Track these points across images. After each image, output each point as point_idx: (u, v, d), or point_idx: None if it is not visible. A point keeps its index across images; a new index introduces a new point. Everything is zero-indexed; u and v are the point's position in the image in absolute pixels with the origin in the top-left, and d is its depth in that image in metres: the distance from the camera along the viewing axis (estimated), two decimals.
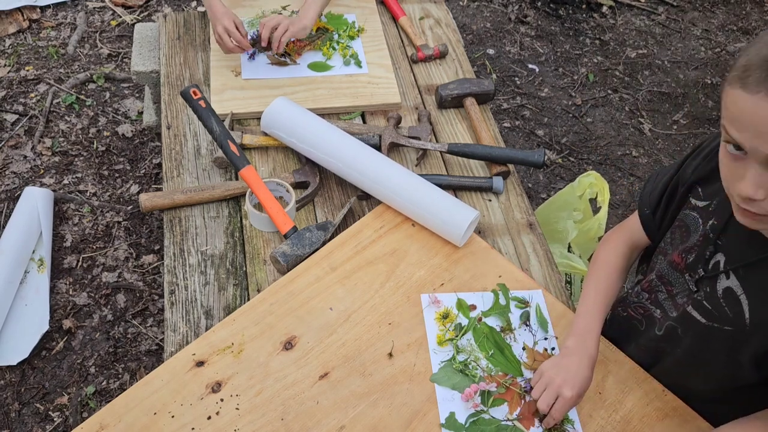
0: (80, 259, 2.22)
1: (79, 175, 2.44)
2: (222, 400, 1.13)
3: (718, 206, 1.08)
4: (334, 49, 1.79)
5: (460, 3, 3.45)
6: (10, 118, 2.61)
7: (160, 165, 2.49)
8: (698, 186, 1.14)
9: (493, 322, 1.27)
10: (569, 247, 2.04)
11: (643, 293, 1.25)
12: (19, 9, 3.01)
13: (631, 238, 1.30)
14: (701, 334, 1.09)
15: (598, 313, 1.20)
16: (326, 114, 1.67)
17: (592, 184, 1.89)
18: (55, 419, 1.87)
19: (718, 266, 1.06)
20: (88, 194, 2.39)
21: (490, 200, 1.56)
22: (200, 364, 1.18)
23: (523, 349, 1.24)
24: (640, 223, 1.27)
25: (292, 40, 1.79)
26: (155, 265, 2.22)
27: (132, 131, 2.61)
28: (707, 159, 1.12)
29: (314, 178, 1.50)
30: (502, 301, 1.30)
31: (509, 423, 1.14)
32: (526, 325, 1.28)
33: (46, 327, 2.02)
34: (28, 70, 2.79)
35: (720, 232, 1.06)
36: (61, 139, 2.55)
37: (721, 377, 1.11)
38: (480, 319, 1.27)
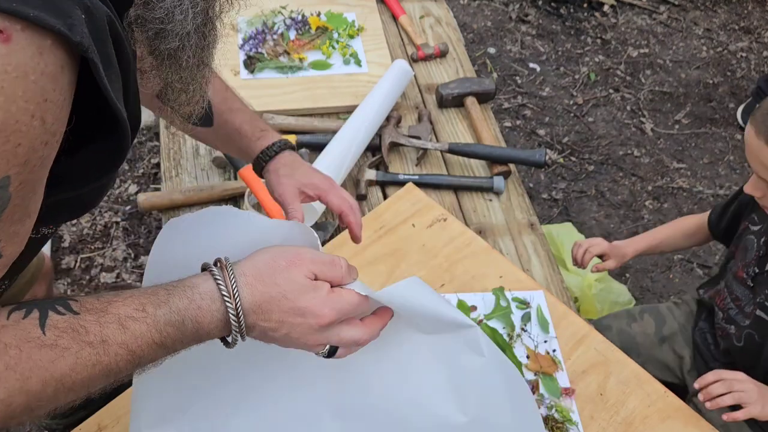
0: (78, 260, 2.21)
1: None
2: None
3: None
4: (333, 48, 1.78)
5: (461, 2, 3.44)
6: None
7: (158, 165, 2.48)
8: (754, 214, 1.44)
9: (496, 325, 1.26)
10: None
11: (718, 312, 1.49)
12: None
13: (704, 222, 1.62)
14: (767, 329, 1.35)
15: (649, 239, 1.66)
16: (326, 114, 1.66)
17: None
18: None
19: None
20: None
21: (490, 200, 1.55)
22: None
23: (528, 357, 1.23)
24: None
25: (291, 39, 1.78)
26: None
27: None
28: None
29: None
30: (503, 302, 1.29)
31: None
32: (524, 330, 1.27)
33: None
34: None
35: None
36: None
37: None
38: (480, 321, 1.26)
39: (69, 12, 0.49)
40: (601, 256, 1.62)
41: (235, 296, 0.65)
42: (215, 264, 0.69)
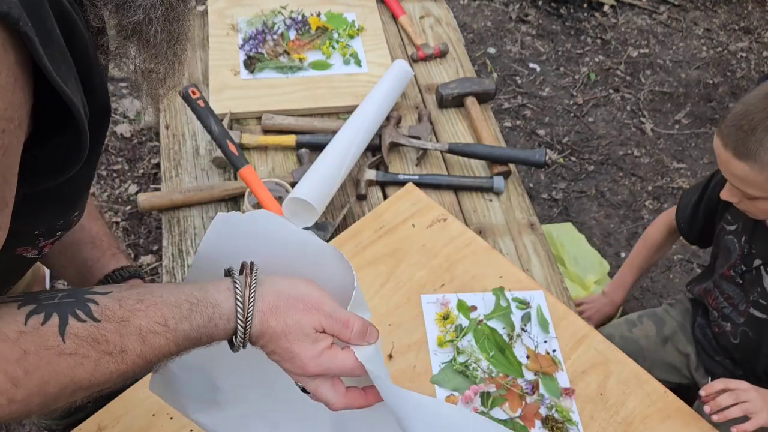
0: None
1: None
2: None
3: (745, 225, 1.38)
4: (333, 48, 1.78)
5: (461, 2, 3.44)
6: None
7: (158, 165, 2.48)
8: (727, 213, 1.42)
9: (496, 325, 1.26)
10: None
11: (713, 312, 1.49)
12: None
13: (668, 228, 1.67)
14: (766, 330, 1.36)
15: (631, 274, 1.77)
16: (326, 114, 1.66)
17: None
18: None
19: (760, 269, 1.34)
20: None
21: (490, 200, 1.55)
22: None
23: (528, 357, 1.23)
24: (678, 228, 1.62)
25: (291, 39, 1.78)
26: (154, 265, 2.21)
27: (130, 131, 2.61)
28: None
29: None
30: (503, 302, 1.29)
31: (508, 420, 1.13)
32: (524, 330, 1.27)
33: None
34: None
35: (751, 242, 1.36)
36: None
37: None
38: (480, 321, 1.26)
39: None
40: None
41: (248, 320, 0.67)
42: (241, 271, 0.71)
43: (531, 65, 3.15)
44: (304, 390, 0.73)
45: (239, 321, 0.66)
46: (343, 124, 1.54)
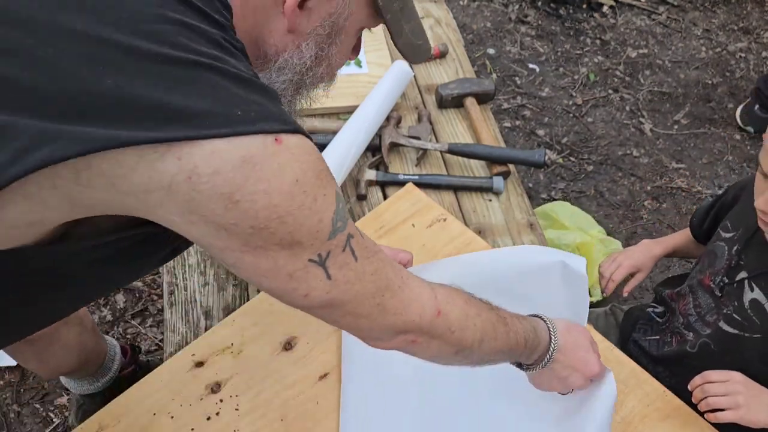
0: None
1: None
2: (221, 400, 1.13)
3: (742, 234, 1.31)
4: None
5: (460, 2, 3.44)
6: None
7: None
8: (728, 220, 1.36)
9: None
10: None
11: (678, 317, 1.41)
12: None
13: None
14: (734, 345, 1.27)
15: (672, 241, 1.60)
16: (326, 114, 1.67)
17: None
18: (54, 420, 1.87)
19: (742, 282, 1.26)
20: None
21: (490, 200, 1.55)
22: (200, 364, 1.17)
23: None
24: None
25: None
26: None
27: None
28: (742, 194, 1.36)
29: None
30: None
31: None
32: None
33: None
34: None
35: (742, 253, 1.28)
36: None
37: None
38: None
39: (278, 110, 0.64)
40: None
41: (553, 341, 0.99)
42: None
43: (530, 66, 3.16)
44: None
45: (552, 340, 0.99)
46: (344, 124, 1.54)
